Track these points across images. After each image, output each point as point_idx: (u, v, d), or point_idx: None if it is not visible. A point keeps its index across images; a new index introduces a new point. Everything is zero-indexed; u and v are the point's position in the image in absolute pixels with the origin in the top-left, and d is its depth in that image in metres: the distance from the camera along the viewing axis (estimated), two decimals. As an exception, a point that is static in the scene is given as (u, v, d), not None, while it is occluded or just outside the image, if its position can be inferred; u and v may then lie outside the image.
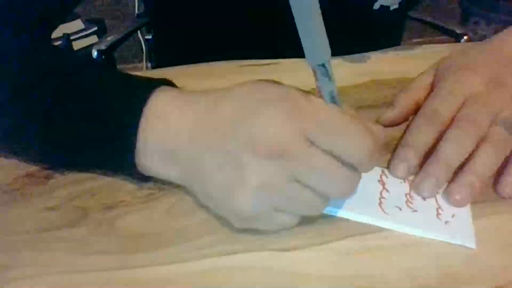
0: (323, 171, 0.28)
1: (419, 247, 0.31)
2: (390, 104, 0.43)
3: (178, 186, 0.34)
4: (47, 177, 0.36)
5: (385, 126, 0.42)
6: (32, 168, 0.37)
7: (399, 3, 0.56)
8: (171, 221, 0.32)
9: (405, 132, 0.39)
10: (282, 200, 0.28)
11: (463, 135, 0.35)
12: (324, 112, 0.28)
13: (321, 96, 0.29)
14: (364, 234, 0.32)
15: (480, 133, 0.35)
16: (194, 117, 0.30)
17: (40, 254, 0.30)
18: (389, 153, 0.39)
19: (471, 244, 0.31)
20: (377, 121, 0.42)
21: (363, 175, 0.30)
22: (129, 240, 0.31)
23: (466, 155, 0.35)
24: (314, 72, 0.28)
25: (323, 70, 0.28)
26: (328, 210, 0.32)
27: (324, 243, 0.31)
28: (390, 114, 0.42)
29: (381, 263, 0.30)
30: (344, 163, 0.28)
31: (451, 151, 0.35)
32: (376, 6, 0.55)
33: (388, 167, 0.37)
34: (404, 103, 0.42)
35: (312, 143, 0.27)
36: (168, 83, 0.34)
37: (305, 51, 0.27)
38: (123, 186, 0.35)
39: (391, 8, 0.56)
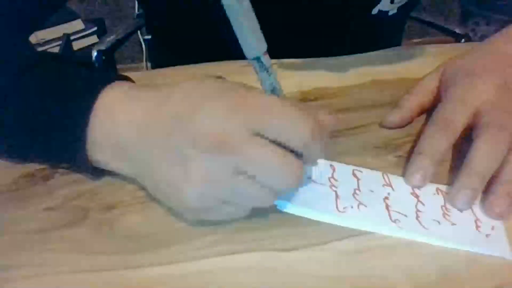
0: (264, 161, 0.28)
1: (419, 247, 0.31)
2: (394, 105, 0.43)
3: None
4: (47, 177, 0.36)
5: (389, 128, 0.42)
6: (32, 168, 0.37)
7: (398, 9, 0.55)
8: (171, 221, 0.32)
9: (417, 140, 0.38)
10: (228, 193, 0.29)
11: (495, 142, 0.34)
12: (264, 102, 0.29)
13: (263, 89, 0.30)
14: (364, 234, 0.32)
15: (510, 138, 0.34)
16: (143, 113, 0.31)
17: (40, 254, 0.30)
18: (388, 153, 0.39)
19: (509, 256, 0.30)
20: (381, 123, 0.42)
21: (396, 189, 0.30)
22: (129, 240, 0.31)
23: (500, 163, 0.34)
24: (253, 65, 0.29)
25: (260, 64, 0.29)
26: (357, 225, 0.32)
27: (324, 243, 0.31)
28: (395, 116, 0.42)
29: (381, 263, 0.30)
30: (288, 150, 0.28)
31: (485, 161, 0.34)
32: (375, 11, 0.55)
33: (404, 175, 0.36)
34: (409, 106, 0.42)
35: (256, 134, 0.28)
36: (122, 78, 0.34)
37: (241, 46, 0.28)
38: (123, 186, 0.35)
39: (390, 14, 0.56)
